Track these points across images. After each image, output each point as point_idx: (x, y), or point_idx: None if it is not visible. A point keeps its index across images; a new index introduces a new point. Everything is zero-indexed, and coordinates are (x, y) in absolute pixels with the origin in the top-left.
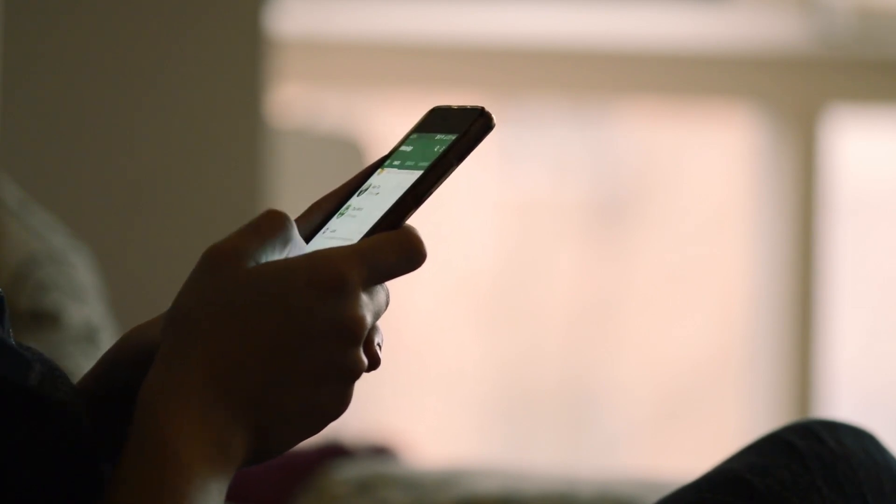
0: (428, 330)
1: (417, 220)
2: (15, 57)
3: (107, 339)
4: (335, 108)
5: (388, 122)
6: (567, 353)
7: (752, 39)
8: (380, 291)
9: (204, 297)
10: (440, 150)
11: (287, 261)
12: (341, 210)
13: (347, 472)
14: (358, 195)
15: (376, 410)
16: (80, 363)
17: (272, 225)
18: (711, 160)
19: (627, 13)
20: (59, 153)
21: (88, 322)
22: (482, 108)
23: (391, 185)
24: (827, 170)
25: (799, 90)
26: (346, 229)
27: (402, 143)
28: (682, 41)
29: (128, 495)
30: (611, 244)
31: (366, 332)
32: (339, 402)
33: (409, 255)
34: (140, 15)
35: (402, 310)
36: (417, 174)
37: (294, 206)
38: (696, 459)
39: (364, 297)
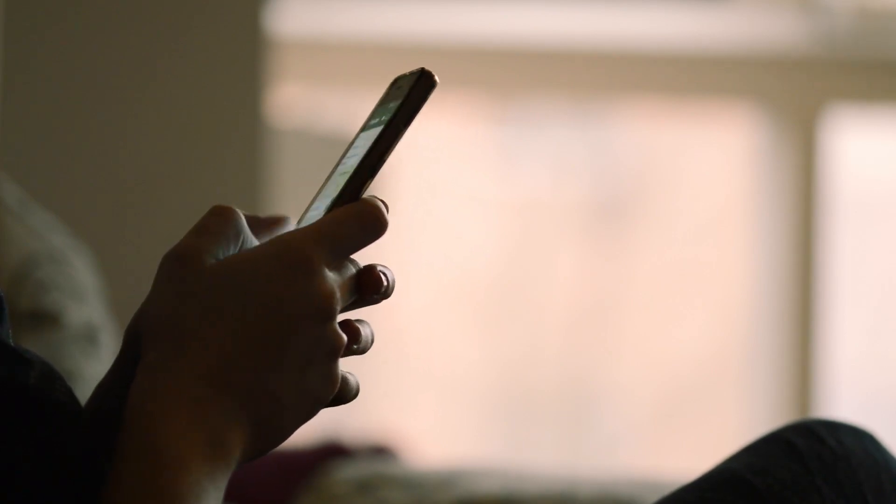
0: (428, 330)
1: (417, 219)
2: (15, 57)
3: (107, 339)
4: (335, 108)
5: None
6: (567, 353)
7: (752, 39)
8: (349, 266)
9: (177, 300)
10: (387, 119)
11: (250, 251)
12: (321, 188)
13: (347, 472)
14: (335, 173)
15: (376, 410)
16: (80, 363)
17: (220, 220)
18: (711, 160)
19: (627, 13)
20: (59, 153)
21: (88, 322)
22: (422, 69)
23: (355, 159)
24: (827, 170)
25: (799, 90)
26: (320, 206)
27: (371, 117)
28: (682, 41)
29: (120, 495)
30: (611, 244)
31: (338, 306)
32: (327, 382)
33: (367, 225)
34: (140, 15)
35: (402, 310)
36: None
37: (294, 206)
38: (696, 459)
39: (330, 273)
